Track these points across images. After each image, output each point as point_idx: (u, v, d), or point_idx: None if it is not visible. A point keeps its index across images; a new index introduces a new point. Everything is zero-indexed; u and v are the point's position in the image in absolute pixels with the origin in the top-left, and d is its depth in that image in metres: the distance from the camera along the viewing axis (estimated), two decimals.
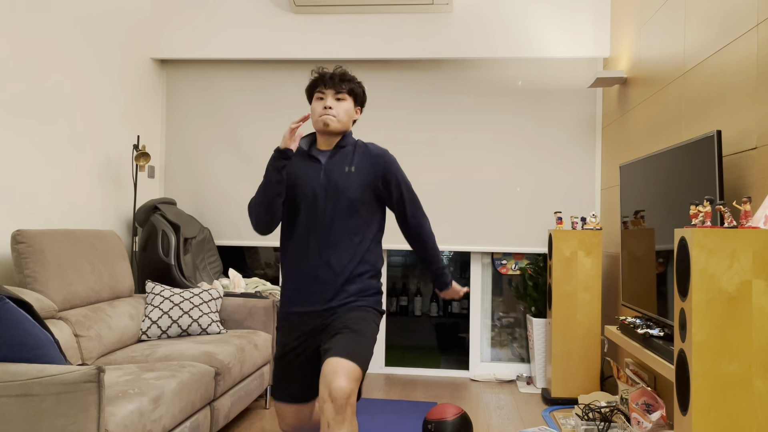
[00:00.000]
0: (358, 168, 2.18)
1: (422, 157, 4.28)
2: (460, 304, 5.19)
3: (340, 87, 2.19)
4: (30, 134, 3.09)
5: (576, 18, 4.04)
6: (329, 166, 2.19)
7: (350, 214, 2.16)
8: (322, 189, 2.16)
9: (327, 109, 2.17)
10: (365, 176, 2.18)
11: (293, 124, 2.10)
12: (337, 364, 1.92)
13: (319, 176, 2.18)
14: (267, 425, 3.16)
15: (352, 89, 2.22)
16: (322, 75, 2.21)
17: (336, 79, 2.19)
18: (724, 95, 2.38)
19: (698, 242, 1.79)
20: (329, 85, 2.19)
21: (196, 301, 3.25)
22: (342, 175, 2.17)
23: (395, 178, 2.22)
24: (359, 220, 2.17)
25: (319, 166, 2.20)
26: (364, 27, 4.16)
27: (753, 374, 1.76)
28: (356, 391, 1.93)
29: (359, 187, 2.16)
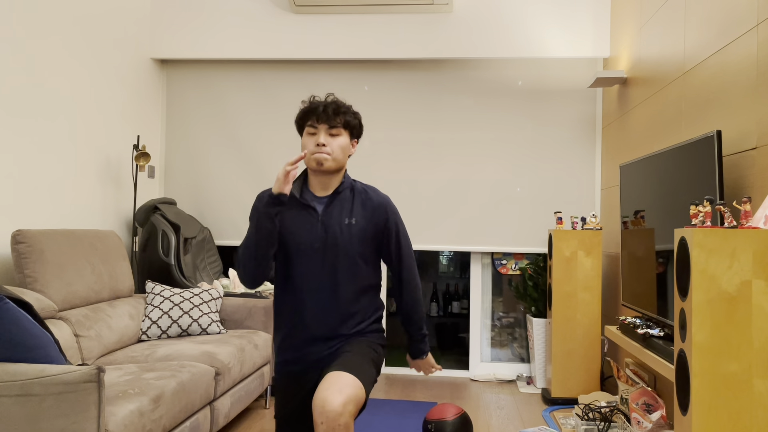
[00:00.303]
0: (359, 219, 2.01)
1: (422, 157, 4.28)
2: (460, 304, 5.19)
3: (334, 121, 1.98)
4: (30, 134, 3.09)
5: (576, 18, 4.04)
6: (327, 217, 1.99)
7: (352, 270, 1.99)
8: (321, 243, 1.97)
9: (320, 146, 1.96)
10: (366, 228, 2.01)
11: (288, 166, 1.86)
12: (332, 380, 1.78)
13: (316, 228, 1.99)
14: (267, 425, 3.16)
15: (347, 122, 2.00)
16: (314, 107, 1.99)
17: (329, 112, 1.97)
18: (724, 95, 2.38)
19: (698, 242, 1.79)
20: (322, 119, 1.97)
21: (196, 301, 3.25)
22: (342, 228, 1.98)
23: (396, 229, 2.06)
24: (361, 276, 2.01)
25: (316, 216, 2.00)
26: (364, 27, 4.16)
27: (753, 374, 1.76)
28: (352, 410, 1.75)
29: (360, 242, 1.99)
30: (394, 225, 2.06)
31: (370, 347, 2.00)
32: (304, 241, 1.98)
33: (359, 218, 2.01)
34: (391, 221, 2.05)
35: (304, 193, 2.04)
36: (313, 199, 2.03)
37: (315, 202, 2.02)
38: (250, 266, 1.96)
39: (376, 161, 4.29)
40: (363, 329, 2.04)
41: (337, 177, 2.04)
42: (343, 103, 2.02)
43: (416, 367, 2.20)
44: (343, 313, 1.99)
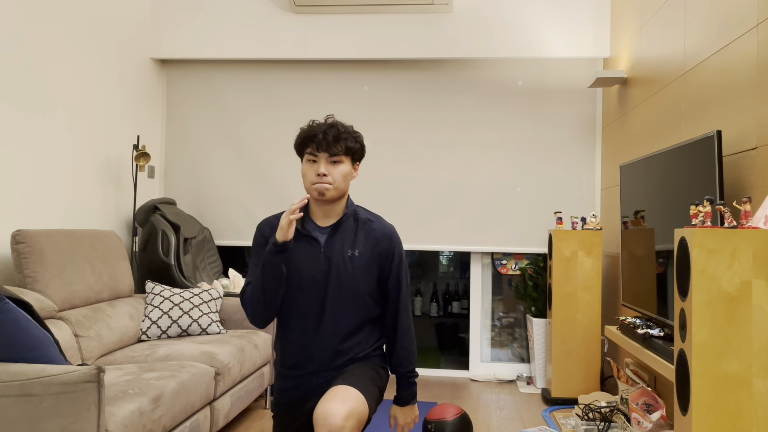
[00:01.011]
0: (362, 251, 1.95)
1: (422, 157, 4.28)
2: (460, 304, 5.19)
3: (335, 148, 1.90)
4: (30, 134, 3.09)
5: (576, 18, 4.04)
6: (329, 249, 1.94)
7: (353, 303, 1.95)
8: (323, 275, 1.93)
9: (321, 176, 1.89)
10: (370, 260, 1.96)
11: (291, 216, 1.80)
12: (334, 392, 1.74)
13: (318, 261, 1.93)
14: (267, 425, 3.16)
15: (348, 148, 1.92)
16: (313, 133, 1.91)
17: (329, 139, 1.89)
18: (724, 95, 2.38)
19: (698, 242, 1.79)
20: (322, 147, 1.89)
21: (196, 301, 3.25)
22: (345, 260, 1.93)
23: (397, 262, 2.00)
24: (364, 310, 1.98)
25: (318, 248, 1.94)
26: (364, 27, 4.16)
27: (753, 374, 1.76)
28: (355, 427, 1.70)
29: (364, 274, 1.95)
30: (398, 258, 2.00)
31: (372, 369, 1.98)
32: (306, 273, 1.94)
33: (362, 249, 1.96)
34: (396, 254, 2.00)
35: (306, 223, 1.98)
36: (315, 229, 1.97)
37: (317, 232, 1.97)
38: (259, 310, 1.91)
39: (376, 161, 4.29)
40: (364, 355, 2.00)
41: (340, 204, 1.98)
42: (343, 126, 1.94)
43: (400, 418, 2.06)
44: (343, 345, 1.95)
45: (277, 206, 4.34)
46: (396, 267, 2.00)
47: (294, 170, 4.33)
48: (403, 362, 2.04)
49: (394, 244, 1.99)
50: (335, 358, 1.95)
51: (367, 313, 1.99)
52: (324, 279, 1.93)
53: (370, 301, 1.99)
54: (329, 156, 1.90)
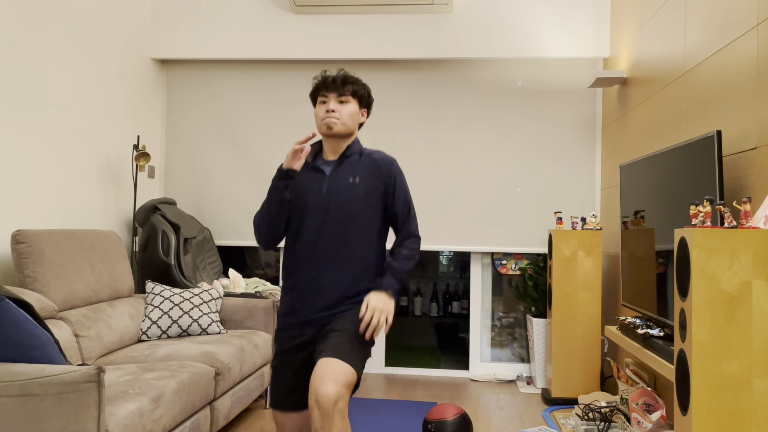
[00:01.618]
0: (363, 178, 2.11)
1: (422, 157, 4.28)
2: (460, 304, 5.19)
3: (343, 89, 2.13)
4: (30, 134, 3.09)
5: (576, 18, 4.04)
6: (333, 178, 2.12)
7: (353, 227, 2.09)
8: (325, 201, 2.09)
9: (330, 112, 2.10)
10: (369, 186, 2.11)
11: (297, 146, 2.02)
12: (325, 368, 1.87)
13: (322, 189, 2.11)
14: (267, 425, 3.16)
15: (355, 91, 2.15)
16: (324, 79, 2.17)
17: (338, 82, 2.13)
18: (724, 95, 2.38)
19: (698, 242, 1.79)
20: (332, 89, 2.13)
21: (196, 301, 3.26)
22: (345, 187, 2.10)
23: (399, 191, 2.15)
24: (362, 233, 2.10)
25: (323, 178, 2.13)
26: (364, 27, 4.16)
27: (753, 374, 1.76)
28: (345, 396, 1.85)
29: (362, 200, 2.10)
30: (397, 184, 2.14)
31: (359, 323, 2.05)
32: (310, 201, 2.11)
33: (363, 177, 2.11)
34: (395, 179, 2.14)
35: (317, 159, 2.18)
36: (323, 164, 2.17)
37: (324, 165, 2.16)
38: (263, 230, 2.12)
39: None
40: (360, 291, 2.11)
41: (347, 142, 2.17)
42: (351, 75, 2.18)
43: (370, 299, 2.03)
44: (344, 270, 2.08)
45: None
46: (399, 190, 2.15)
47: None
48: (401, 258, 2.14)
49: (394, 170, 2.16)
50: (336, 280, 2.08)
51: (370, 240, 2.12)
52: (326, 204, 2.09)
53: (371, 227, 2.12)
54: (338, 96, 2.13)
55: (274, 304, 3.44)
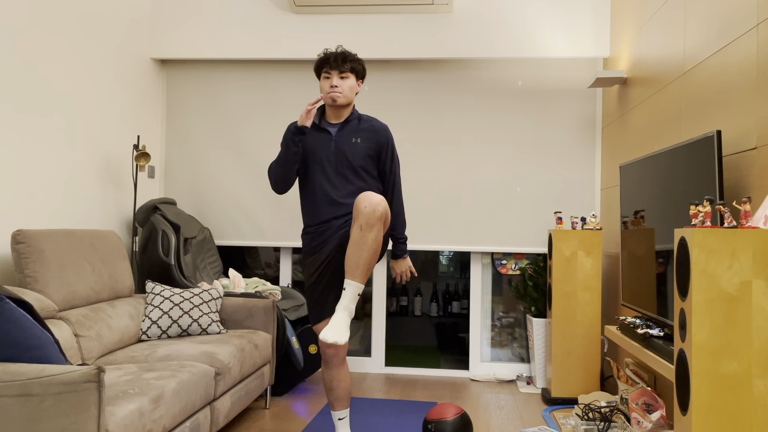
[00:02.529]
0: (363, 139, 2.62)
1: (422, 157, 4.28)
2: (459, 304, 5.19)
3: (343, 67, 2.59)
4: (30, 134, 3.09)
5: (576, 18, 4.04)
6: (338, 138, 2.62)
7: (356, 175, 2.61)
8: (333, 156, 2.61)
9: (333, 87, 2.57)
10: (369, 146, 2.62)
11: (309, 106, 2.50)
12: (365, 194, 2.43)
13: (330, 146, 2.62)
14: (267, 425, 3.16)
15: (353, 67, 2.62)
16: (327, 57, 2.61)
17: (339, 60, 2.59)
18: (724, 95, 2.38)
19: (698, 242, 1.79)
20: (334, 66, 2.59)
21: (196, 301, 3.26)
22: (350, 146, 2.61)
23: (391, 151, 2.69)
24: (363, 181, 2.63)
25: (330, 137, 2.63)
26: (364, 27, 4.16)
27: (753, 374, 1.76)
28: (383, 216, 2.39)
29: (363, 155, 2.61)
30: (391, 147, 2.70)
31: None
32: (320, 155, 2.62)
33: (363, 138, 2.63)
34: (390, 144, 2.69)
35: (322, 122, 2.68)
36: (329, 126, 2.66)
37: (330, 127, 2.66)
38: (279, 178, 2.63)
39: None
40: None
41: (347, 109, 2.67)
42: (349, 52, 2.64)
43: (396, 268, 2.82)
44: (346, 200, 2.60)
45: (277, 206, 4.34)
46: (390, 151, 2.69)
47: None
48: (396, 227, 2.73)
49: (388, 135, 2.68)
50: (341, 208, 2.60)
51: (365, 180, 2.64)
52: (333, 158, 2.61)
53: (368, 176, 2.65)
54: (339, 73, 2.60)
55: (274, 304, 3.44)
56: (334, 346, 2.57)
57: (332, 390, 2.64)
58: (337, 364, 2.60)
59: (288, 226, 4.34)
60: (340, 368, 2.62)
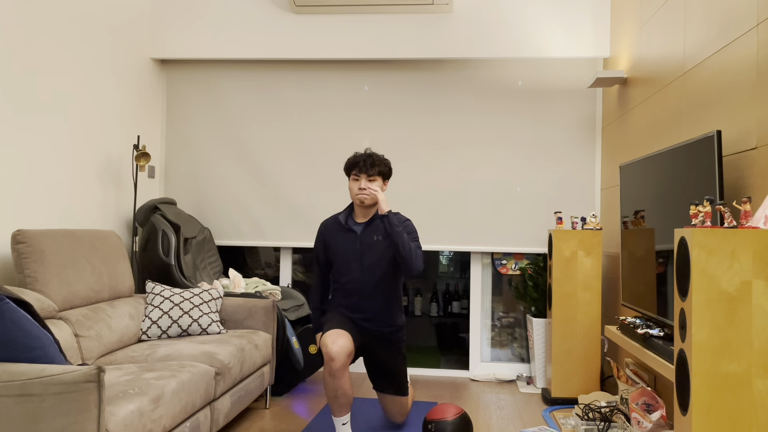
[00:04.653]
0: (384, 236, 2.89)
1: (422, 157, 4.28)
2: (460, 304, 5.19)
3: (372, 171, 2.85)
4: (30, 134, 3.09)
5: (576, 18, 4.04)
6: (363, 237, 2.91)
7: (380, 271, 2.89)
8: (359, 254, 2.90)
9: (362, 190, 2.85)
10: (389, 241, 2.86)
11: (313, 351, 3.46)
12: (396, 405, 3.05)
13: (356, 246, 2.91)
14: (267, 425, 3.16)
15: (380, 171, 2.88)
16: (357, 161, 2.88)
17: (368, 165, 2.85)
18: (724, 95, 2.38)
19: (698, 242, 1.79)
20: (363, 171, 2.86)
21: (196, 301, 3.26)
22: (372, 244, 2.89)
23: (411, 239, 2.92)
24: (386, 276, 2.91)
25: (356, 237, 2.92)
26: (364, 27, 4.16)
27: (753, 374, 1.76)
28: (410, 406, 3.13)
29: (383, 252, 2.88)
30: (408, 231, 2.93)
31: (402, 355, 3.04)
32: (347, 255, 2.92)
33: (384, 235, 2.90)
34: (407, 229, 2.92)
35: (348, 221, 2.97)
36: (354, 225, 2.97)
37: (355, 227, 2.96)
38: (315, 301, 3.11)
39: None
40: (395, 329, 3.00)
41: (374, 209, 2.95)
42: (377, 156, 2.90)
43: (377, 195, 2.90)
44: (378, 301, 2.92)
45: (277, 206, 4.34)
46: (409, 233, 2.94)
47: (293, 169, 4.34)
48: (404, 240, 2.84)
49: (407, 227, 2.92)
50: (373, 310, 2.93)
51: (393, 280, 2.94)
52: (359, 257, 2.90)
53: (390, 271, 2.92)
54: (367, 176, 2.87)
55: (274, 304, 3.44)
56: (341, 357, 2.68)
57: (337, 398, 2.72)
58: (341, 373, 2.69)
59: (288, 226, 4.34)
60: (344, 377, 2.70)
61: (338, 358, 2.65)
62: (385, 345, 2.98)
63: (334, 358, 2.64)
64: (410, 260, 2.80)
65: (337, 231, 2.96)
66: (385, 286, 2.91)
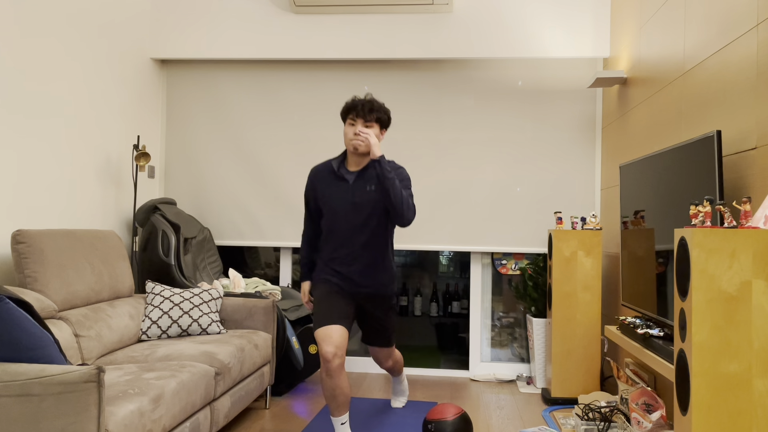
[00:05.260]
0: (378, 185, 2.71)
1: (422, 157, 4.28)
2: (460, 304, 5.19)
3: (369, 116, 2.68)
4: (30, 134, 3.09)
5: (576, 18, 4.04)
6: (355, 186, 2.75)
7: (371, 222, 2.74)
8: (349, 204, 2.74)
9: (357, 135, 2.66)
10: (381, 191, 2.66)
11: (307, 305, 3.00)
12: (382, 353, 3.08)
13: (347, 196, 2.75)
14: (267, 425, 3.16)
15: (378, 118, 2.71)
16: (354, 104, 2.70)
17: (366, 110, 2.68)
18: (724, 95, 2.38)
19: (698, 242, 1.79)
20: (360, 115, 2.68)
21: (196, 301, 3.26)
22: (364, 194, 2.72)
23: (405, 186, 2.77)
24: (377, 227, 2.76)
25: (347, 186, 2.76)
26: (364, 27, 4.16)
27: (753, 374, 1.76)
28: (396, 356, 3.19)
29: (377, 202, 2.72)
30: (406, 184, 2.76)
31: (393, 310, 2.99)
32: (337, 204, 2.76)
33: (377, 185, 2.72)
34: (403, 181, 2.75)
35: (341, 169, 2.78)
36: (347, 173, 2.78)
37: (348, 175, 2.77)
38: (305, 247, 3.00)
39: None
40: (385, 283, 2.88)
41: (367, 157, 2.76)
42: (378, 103, 2.72)
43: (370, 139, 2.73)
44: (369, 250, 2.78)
45: (277, 206, 4.34)
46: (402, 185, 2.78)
47: (293, 169, 4.34)
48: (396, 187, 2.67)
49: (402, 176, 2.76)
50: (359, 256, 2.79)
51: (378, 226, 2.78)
52: (351, 207, 2.74)
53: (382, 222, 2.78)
54: (364, 122, 2.69)
55: (274, 304, 3.44)
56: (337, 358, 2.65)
57: (335, 398, 2.68)
58: (338, 372, 2.65)
59: (288, 226, 4.34)
60: (341, 377, 2.66)
61: (334, 359, 2.61)
62: (378, 304, 2.91)
63: (330, 360, 2.61)
64: (401, 208, 2.63)
65: (328, 178, 2.79)
66: (377, 237, 2.76)
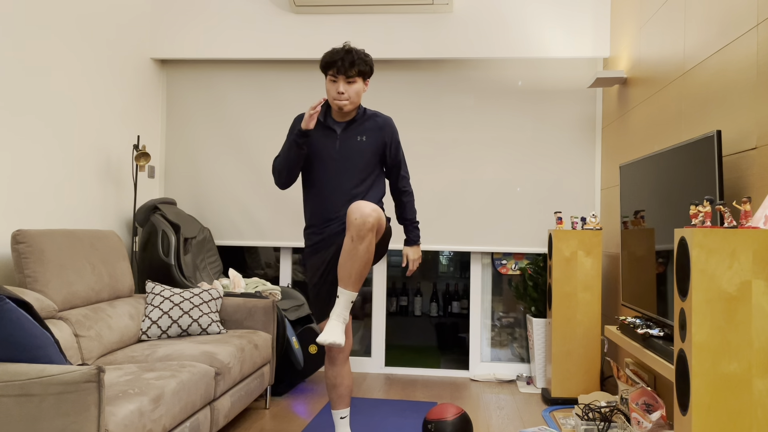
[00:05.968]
0: (369, 136, 2.59)
1: (422, 157, 4.28)
2: (460, 304, 5.19)
3: (351, 72, 2.49)
4: (30, 134, 3.09)
5: (576, 18, 4.04)
6: (344, 137, 2.59)
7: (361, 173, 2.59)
8: (338, 155, 2.58)
9: (340, 94, 2.49)
10: (374, 143, 2.59)
11: (311, 110, 2.44)
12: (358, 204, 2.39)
13: (335, 145, 2.59)
14: (267, 425, 3.16)
15: (360, 71, 2.52)
16: (334, 60, 2.49)
17: (347, 65, 2.48)
18: (724, 95, 2.38)
19: (698, 242, 1.79)
20: (341, 71, 2.48)
21: (196, 301, 3.26)
22: (354, 144, 2.59)
23: (395, 145, 2.66)
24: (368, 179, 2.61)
25: (336, 136, 2.59)
26: (364, 27, 4.16)
27: (753, 374, 1.76)
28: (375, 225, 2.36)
29: (368, 152, 2.59)
30: (395, 142, 2.66)
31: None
32: (325, 153, 2.59)
33: (368, 136, 2.60)
34: (393, 138, 2.65)
35: (328, 120, 2.61)
36: (334, 124, 2.61)
37: (335, 125, 2.61)
38: (283, 174, 2.60)
39: None
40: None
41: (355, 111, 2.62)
42: (356, 53, 2.52)
43: (410, 254, 2.79)
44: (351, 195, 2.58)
45: (277, 206, 4.34)
46: (395, 144, 2.66)
47: None
48: (408, 212, 2.76)
49: (392, 129, 2.65)
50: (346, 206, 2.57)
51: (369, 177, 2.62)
52: (339, 157, 2.58)
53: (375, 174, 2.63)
54: (346, 77, 2.49)
55: (274, 304, 3.44)
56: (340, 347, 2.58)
57: (335, 387, 2.64)
58: (342, 361, 2.62)
59: (288, 226, 4.34)
60: (344, 365, 2.64)
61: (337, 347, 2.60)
62: None
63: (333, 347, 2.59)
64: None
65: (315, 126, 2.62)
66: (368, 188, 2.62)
